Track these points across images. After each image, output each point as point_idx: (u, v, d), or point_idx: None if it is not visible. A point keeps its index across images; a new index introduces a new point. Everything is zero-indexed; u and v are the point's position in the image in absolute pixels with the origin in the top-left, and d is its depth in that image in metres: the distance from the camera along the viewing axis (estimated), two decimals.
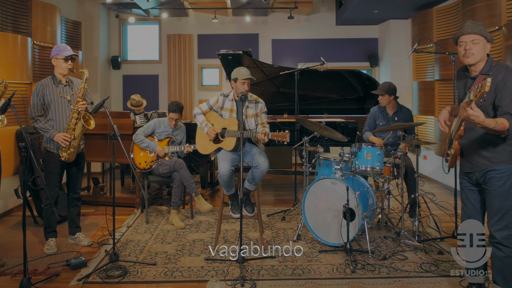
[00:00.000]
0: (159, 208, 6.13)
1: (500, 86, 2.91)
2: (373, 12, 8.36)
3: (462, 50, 3.05)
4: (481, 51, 3.01)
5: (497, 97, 2.91)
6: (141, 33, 10.09)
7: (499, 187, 2.99)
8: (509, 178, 2.98)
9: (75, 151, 4.35)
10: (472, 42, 3.00)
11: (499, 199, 2.99)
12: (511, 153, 2.98)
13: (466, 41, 3.03)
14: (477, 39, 3.00)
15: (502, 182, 2.98)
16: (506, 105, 2.86)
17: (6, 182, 5.40)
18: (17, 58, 5.74)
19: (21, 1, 6.18)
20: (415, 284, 3.63)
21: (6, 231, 5.11)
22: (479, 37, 3.00)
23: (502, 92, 2.89)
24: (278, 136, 3.97)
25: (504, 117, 2.83)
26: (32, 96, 4.30)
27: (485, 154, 3.04)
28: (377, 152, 4.47)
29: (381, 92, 5.18)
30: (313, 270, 3.95)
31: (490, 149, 3.02)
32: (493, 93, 2.93)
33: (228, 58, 6.57)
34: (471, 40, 3.01)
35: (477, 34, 2.99)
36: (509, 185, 2.98)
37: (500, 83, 2.91)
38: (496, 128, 2.79)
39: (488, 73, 2.98)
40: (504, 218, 2.98)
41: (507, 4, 5.40)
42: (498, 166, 2.99)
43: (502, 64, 3.03)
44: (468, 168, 3.17)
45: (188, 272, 3.92)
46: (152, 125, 5.60)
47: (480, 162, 3.06)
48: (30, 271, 3.82)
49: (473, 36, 3.00)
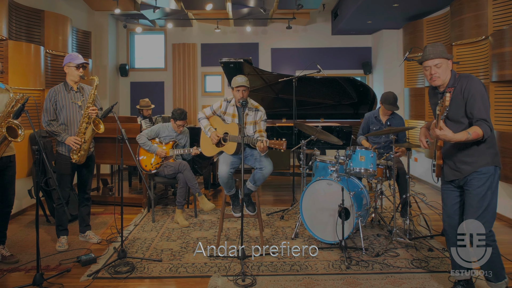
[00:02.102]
0: (164, 208, 6.14)
1: (466, 96, 2.95)
2: (367, 23, 8.38)
3: (428, 75, 3.11)
4: (445, 72, 3.06)
5: (467, 107, 2.96)
6: (148, 42, 10.11)
7: (478, 187, 3.00)
8: (489, 179, 2.99)
9: (86, 153, 4.36)
10: (435, 66, 3.06)
11: (477, 198, 3.00)
12: (491, 155, 3.01)
13: (430, 65, 3.07)
14: (439, 62, 3.05)
15: (482, 182, 2.99)
16: (476, 112, 2.91)
17: (20, 183, 5.40)
18: (30, 65, 5.76)
19: (34, 12, 6.21)
20: (406, 279, 3.63)
21: (20, 229, 5.12)
22: (441, 60, 3.05)
23: (470, 101, 2.94)
24: (275, 144, 3.96)
25: (477, 124, 2.88)
26: (45, 101, 4.32)
27: (468, 160, 3.04)
28: (371, 154, 4.48)
29: (395, 107, 5.09)
30: (310, 266, 3.95)
31: (471, 154, 3.03)
32: (462, 102, 2.98)
33: (230, 66, 6.58)
34: (435, 64, 3.06)
35: (439, 58, 3.05)
36: (487, 185, 2.99)
37: (465, 93, 2.96)
38: (470, 138, 2.85)
39: (453, 86, 3.04)
40: (481, 217, 2.98)
41: (493, 15, 5.42)
42: (480, 169, 3.00)
43: (463, 75, 3.08)
44: (452, 176, 3.15)
45: (192, 268, 3.92)
46: (156, 129, 5.62)
47: (464, 169, 3.06)
48: (42, 267, 3.84)
49: (436, 61, 3.05)
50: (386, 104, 5.09)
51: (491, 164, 3.00)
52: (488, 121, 2.90)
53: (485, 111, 2.92)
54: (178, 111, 5.55)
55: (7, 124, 3.68)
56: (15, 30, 5.78)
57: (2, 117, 3.71)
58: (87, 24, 8.43)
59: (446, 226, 3.29)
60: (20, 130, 3.72)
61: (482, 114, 2.90)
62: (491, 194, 3.01)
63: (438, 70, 3.06)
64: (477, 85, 2.97)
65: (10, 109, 3.72)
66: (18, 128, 3.71)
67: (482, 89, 2.97)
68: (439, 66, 3.05)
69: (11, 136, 3.69)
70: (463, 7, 5.87)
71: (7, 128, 3.66)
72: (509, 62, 4.92)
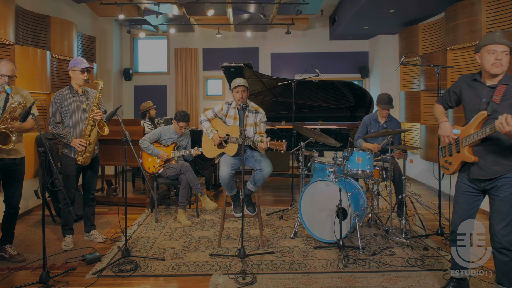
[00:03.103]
0: (167, 208, 6.15)
1: None
2: (364, 28, 8.40)
3: (492, 59, 2.82)
4: (507, 63, 2.83)
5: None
6: (151, 47, 10.13)
7: (510, 194, 2.82)
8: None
9: (90, 155, 4.37)
10: (503, 52, 2.81)
11: (509, 205, 2.83)
12: None
13: (497, 50, 2.81)
14: (507, 51, 2.82)
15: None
16: None
17: (27, 183, 5.40)
18: (37, 70, 5.77)
19: (41, 18, 6.22)
20: (402, 278, 3.63)
21: (27, 229, 5.12)
22: (509, 49, 2.82)
23: None
24: (276, 145, 3.97)
25: None
26: (51, 105, 4.33)
27: (501, 161, 2.85)
28: (368, 156, 4.49)
29: (390, 106, 5.15)
30: (309, 264, 3.95)
31: (507, 156, 2.83)
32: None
33: (231, 70, 6.59)
34: (502, 50, 2.81)
35: (508, 46, 2.82)
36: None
37: None
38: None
39: (507, 83, 2.82)
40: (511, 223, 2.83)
41: (486, 20, 5.43)
42: (510, 173, 2.84)
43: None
44: (478, 174, 2.94)
45: (194, 266, 3.92)
46: (157, 133, 5.62)
47: (494, 170, 2.86)
48: (49, 265, 3.84)
49: (505, 47, 2.81)
50: (382, 104, 5.13)
51: None
52: None
53: None
54: (182, 113, 5.57)
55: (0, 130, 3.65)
56: (22, 35, 5.80)
57: None
58: (92, 30, 8.44)
59: (455, 229, 3.12)
60: (13, 136, 3.67)
61: None
62: None
63: (504, 58, 2.79)
64: None
65: (7, 115, 3.71)
66: (11, 134, 3.67)
67: None
68: (506, 54, 2.81)
69: (2, 143, 3.63)
70: (457, 13, 5.88)
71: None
72: None
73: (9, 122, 3.70)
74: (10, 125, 3.70)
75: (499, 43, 2.81)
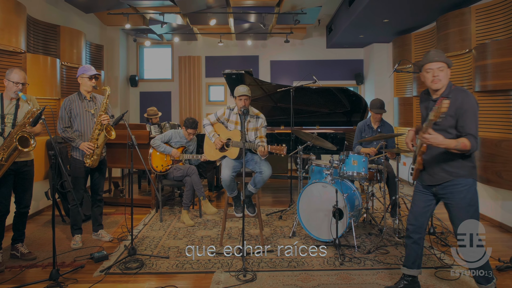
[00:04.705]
0: (171, 208, 6.16)
1: (459, 110, 2.87)
2: (359, 37, 8.43)
3: (430, 77, 2.98)
4: (446, 77, 2.96)
5: (459, 120, 2.88)
6: (156, 55, 10.16)
7: (461, 200, 2.93)
8: (469, 191, 2.93)
9: (98, 158, 4.39)
10: (438, 69, 2.94)
11: (462, 211, 2.93)
12: (470, 169, 2.94)
13: (433, 68, 2.96)
14: (442, 66, 2.94)
15: (463, 195, 2.92)
16: (467, 127, 2.83)
17: (38, 185, 5.42)
18: (47, 77, 5.79)
19: (51, 27, 6.25)
20: (395, 275, 3.64)
21: (37, 229, 5.13)
22: (444, 64, 2.95)
23: (464, 115, 2.86)
24: (276, 149, 3.98)
25: (467, 137, 2.81)
26: (61, 110, 4.35)
27: (446, 168, 2.97)
28: (363, 159, 4.50)
29: (383, 110, 5.18)
30: (307, 262, 3.96)
31: (451, 164, 2.95)
32: (454, 114, 2.89)
33: (232, 77, 6.60)
34: (438, 67, 2.95)
35: (442, 62, 2.95)
36: (469, 197, 2.92)
37: (459, 108, 2.87)
38: (458, 147, 2.79)
39: (447, 96, 2.91)
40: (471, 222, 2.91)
41: (476, 29, 5.46)
42: (457, 180, 2.94)
43: (459, 88, 2.99)
44: (429, 181, 3.09)
45: (197, 264, 3.93)
46: (169, 134, 5.65)
47: (441, 176, 3.00)
48: (58, 263, 3.86)
49: (439, 64, 2.95)
50: (374, 108, 5.16)
51: (469, 177, 2.94)
52: (477, 137, 2.82)
53: (475, 128, 2.85)
54: (190, 120, 5.59)
55: (20, 134, 3.68)
56: (33, 44, 5.83)
57: (18, 127, 3.74)
58: (100, 38, 8.47)
59: (410, 224, 3.22)
60: (32, 140, 3.73)
61: (472, 129, 2.83)
62: (474, 204, 2.94)
63: (440, 73, 2.94)
64: (473, 101, 2.88)
65: (25, 120, 3.75)
66: (30, 138, 3.72)
67: (476, 106, 2.88)
68: (442, 69, 2.94)
69: (23, 146, 3.69)
70: (448, 23, 5.91)
71: (19, 137, 3.67)
72: (490, 73, 4.96)
73: (26, 126, 3.73)
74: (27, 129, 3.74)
75: (433, 61, 2.96)
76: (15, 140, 3.62)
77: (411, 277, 3.26)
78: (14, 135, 3.64)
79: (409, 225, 3.23)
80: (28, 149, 3.73)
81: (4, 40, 4.87)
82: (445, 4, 5.95)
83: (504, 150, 4.80)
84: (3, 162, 3.65)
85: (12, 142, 3.65)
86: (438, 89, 2.99)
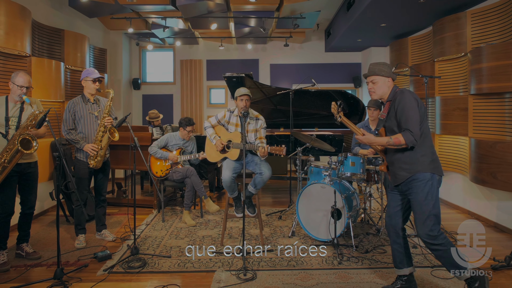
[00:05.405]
0: (173, 209, 6.17)
1: (398, 109, 3.03)
2: (357, 41, 8.45)
3: (368, 89, 3.24)
4: (381, 87, 3.16)
5: (397, 118, 3.04)
6: (158, 59, 10.18)
7: (418, 193, 2.99)
8: (426, 184, 2.98)
9: (102, 159, 4.40)
10: (371, 82, 3.18)
11: (420, 205, 2.98)
12: (426, 163, 3.01)
13: (368, 81, 3.22)
14: (375, 79, 3.16)
15: (420, 188, 2.98)
16: (403, 123, 2.99)
17: (42, 186, 5.44)
18: (51, 80, 5.81)
19: (55, 31, 6.28)
20: (393, 274, 3.64)
21: (42, 228, 5.14)
22: (376, 77, 3.15)
23: (399, 113, 3.03)
24: (276, 150, 4.00)
25: (403, 132, 2.96)
26: (65, 112, 4.36)
27: (404, 167, 3.06)
28: (360, 160, 4.51)
29: (378, 107, 5.19)
30: (306, 261, 3.98)
31: (408, 162, 3.05)
32: (395, 115, 3.06)
33: (233, 80, 6.62)
34: (371, 80, 3.19)
35: (374, 75, 3.16)
36: (426, 191, 2.97)
37: (397, 107, 3.04)
38: (391, 143, 2.98)
39: (391, 100, 3.13)
40: (426, 224, 2.96)
41: (471, 33, 5.48)
42: (415, 175, 3.01)
43: (400, 90, 3.14)
44: (393, 181, 3.19)
45: (198, 263, 3.94)
46: (164, 139, 5.65)
47: (401, 174, 3.08)
48: (62, 262, 3.88)
49: (371, 78, 3.18)
50: (371, 105, 5.16)
51: (426, 171, 3.00)
52: (413, 131, 2.92)
53: (411, 123, 2.94)
54: (186, 119, 5.60)
55: (22, 136, 3.68)
56: (37, 48, 5.85)
57: (20, 129, 3.74)
58: (103, 42, 8.50)
59: (387, 225, 3.30)
60: (34, 141, 3.72)
61: (407, 124, 2.95)
62: (431, 198, 2.98)
63: (373, 86, 3.17)
64: (407, 99, 3.01)
65: (28, 122, 3.74)
66: (32, 140, 3.71)
67: (411, 103, 3.00)
68: (375, 82, 3.16)
69: (25, 148, 3.66)
70: (444, 27, 5.92)
71: (21, 140, 3.67)
72: (486, 76, 4.97)
73: (29, 129, 3.74)
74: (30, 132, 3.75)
75: (365, 76, 3.24)
76: (17, 142, 3.62)
77: (406, 276, 3.26)
78: (16, 137, 3.65)
79: (386, 226, 3.33)
80: (30, 151, 3.69)
81: (10, 44, 4.89)
82: (441, 9, 5.97)
83: (498, 152, 4.82)
84: (6, 164, 3.66)
85: (14, 145, 3.65)
86: (374, 99, 3.26)
